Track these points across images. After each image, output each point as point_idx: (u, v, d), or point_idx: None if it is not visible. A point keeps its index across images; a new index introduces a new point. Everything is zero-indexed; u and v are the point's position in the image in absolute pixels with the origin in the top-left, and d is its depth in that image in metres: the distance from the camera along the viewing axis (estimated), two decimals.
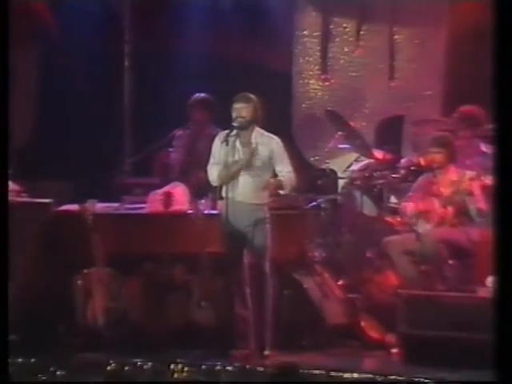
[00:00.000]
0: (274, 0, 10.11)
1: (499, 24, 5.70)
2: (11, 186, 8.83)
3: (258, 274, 8.03)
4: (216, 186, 8.11)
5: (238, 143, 8.01)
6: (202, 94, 9.26)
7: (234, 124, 7.98)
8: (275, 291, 8.15)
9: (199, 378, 7.44)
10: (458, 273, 8.44)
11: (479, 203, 8.38)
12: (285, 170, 8.02)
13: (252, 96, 8.01)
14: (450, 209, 8.46)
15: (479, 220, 8.45)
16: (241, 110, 7.98)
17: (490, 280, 8.26)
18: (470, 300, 8.05)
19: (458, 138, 8.81)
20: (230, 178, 7.98)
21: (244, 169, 7.99)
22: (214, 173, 8.06)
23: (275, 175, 8.04)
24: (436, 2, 9.63)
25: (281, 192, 8.15)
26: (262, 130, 8.05)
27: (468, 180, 8.45)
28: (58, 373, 7.49)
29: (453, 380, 7.13)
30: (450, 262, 8.42)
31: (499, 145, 5.77)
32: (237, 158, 8.00)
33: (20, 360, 7.73)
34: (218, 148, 8.09)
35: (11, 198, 8.58)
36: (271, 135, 8.06)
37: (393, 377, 7.29)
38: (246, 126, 8.00)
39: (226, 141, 8.00)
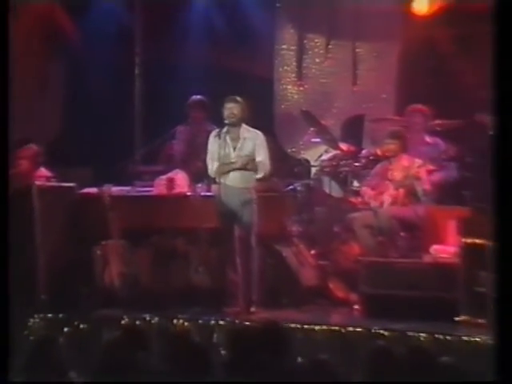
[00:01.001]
0: (258, 20, 10.05)
1: (499, 24, 5.19)
2: (43, 172, 8.91)
3: (245, 245, 8.08)
4: (212, 174, 8.17)
5: (228, 138, 8.03)
6: (200, 96, 9.25)
7: (225, 122, 8.02)
8: (260, 259, 8.21)
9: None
10: (407, 243, 8.46)
11: (425, 185, 8.44)
12: (263, 159, 8.04)
13: (240, 98, 8.03)
14: (401, 190, 8.47)
15: (424, 199, 8.49)
16: (231, 109, 8.01)
17: (433, 248, 8.44)
18: (418, 265, 8.17)
19: (408, 132, 8.84)
20: (224, 170, 8.01)
21: (234, 162, 8.00)
22: (210, 166, 8.08)
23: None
24: (390, 22, 9.62)
25: (257, 177, 8.08)
26: (248, 127, 8.07)
27: (416, 167, 8.46)
28: (81, 326, 7.54)
29: (403, 329, 7.21)
30: (401, 234, 8.45)
31: (499, 144, 5.20)
32: (229, 151, 8.02)
33: (50, 315, 7.75)
34: (212, 142, 8.11)
35: (42, 182, 8.68)
36: (256, 131, 8.08)
37: (355, 329, 7.36)
38: (235, 124, 8.02)
39: (218, 135, 8.04)
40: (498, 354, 4.59)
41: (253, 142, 8.05)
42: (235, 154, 8.04)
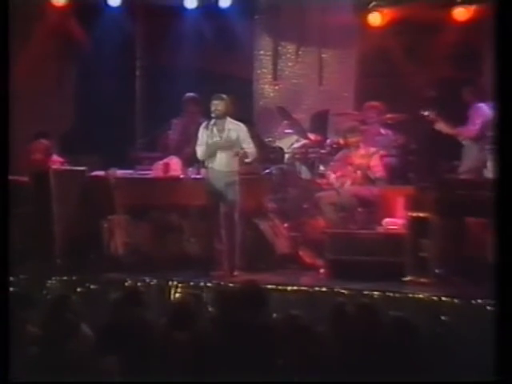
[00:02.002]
0: (240, 30, 10.01)
1: (499, 25, 4.61)
2: (58, 158, 8.87)
3: (229, 220, 8.06)
4: (201, 160, 8.16)
5: (215, 129, 8.01)
6: (192, 94, 9.21)
7: (213, 115, 8.00)
8: (241, 231, 8.19)
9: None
10: (364, 217, 8.47)
11: (378, 170, 8.54)
12: (249, 147, 8.02)
13: (224, 96, 8.03)
14: (359, 173, 8.49)
15: (378, 181, 8.54)
16: (217, 105, 7.99)
17: (385, 221, 8.51)
18: (372, 235, 8.20)
19: (364, 124, 8.90)
20: (210, 154, 8.00)
21: (219, 147, 8.01)
22: (199, 151, 8.06)
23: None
24: (350, 32, 9.65)
25: (246, 161, 8.09)
26: (232, 120, 8.06)
27: (371, 154, 8.54)
28: (91, 286, 7.51)
29: (360, 288, 7.22)
30: (359, 209, 8.46)
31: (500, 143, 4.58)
32: (214, 139, 7.98)
33: (65, 278, 7.71)
34: (201, 132, 8.09)
35: (57, 167, 8.64)
36: (238, 123, 8.07)
37: (320, 289, 7.38)
38: (220, 117, 8.00)
39: (207, 127, 8.04)
40: (497, 353, 3.95)
41: (236, 133, 8.02)
42: (220, 142, 8.01)
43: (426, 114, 8.45)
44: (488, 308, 6.62)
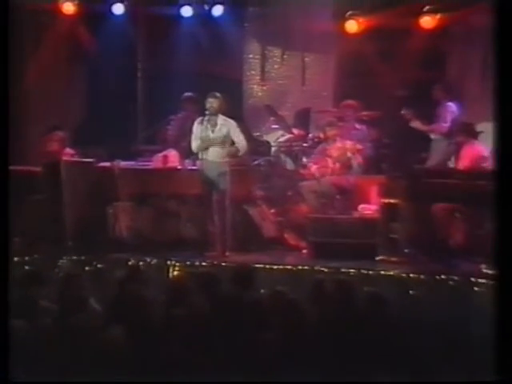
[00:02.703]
0: (231, 36, 9.97)
1: (499, 27, 4.20)
2: (68, 151, 8.82)
3: (221, 206, 8.03)
4: (196, 152, 8.14)
5: (208, 124, 7.97)
6: (189, 93, 9.16)
7: (207, 112, 7.97)
8: (232, 217, 8.18)
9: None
10: (342, 203, 8.48)
11: (355, 161, 8.57)
12: (239, 140, 8.01)
13: (218, 94, 7.99)
14: (338, 165, 8.50)
15: (354, 171, 8.59)
16: (212, 102, 7.95)
17: (360, 207, 8.52)
18: (349, 219, 8.24)
19: (341, 121, 8.88)
20: (204, 147, 7.96)
21: (212, 141, 7.96)
22: (194, 144, 8.03)
23: (233, 144, 8.03)
24: (329, 38, 9.63)
25: (238, 155, 8.12)
26: (224, 116, 8.01)
27: (348, 147, 8.56)
28: (98, 265, 7.46)
29: (338, 266, 7.26)
30: (337, 197, 8.48)
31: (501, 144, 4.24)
32: (207, 134, 7.92)
33: (74, 257, 7.69)
34: (196, 127, 8.05)
35: (68, 158, 8.60)
36: (229, 119, 8.02)
37: (303, 267, 7.46)
38: (214, 114, 7.96)
39: (201, 123, 7.99)
40: (497, 353, 3.57)
41: (227, 128, 7.98)
42: (213, 136, 7.97)
43: (403, 112, 8.52)
44: (450, 283, 6.74)
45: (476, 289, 6.74)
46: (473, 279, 6.85)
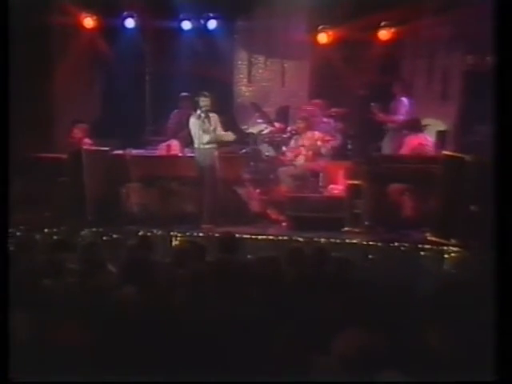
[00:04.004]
0: (223, 45, 9.89)
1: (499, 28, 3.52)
2: (88, 141, 8.77)
3: (213, 186, 8.00)
4: (193, 142, 8.13)
5: (201, 119, 7.94)
6: (186, 93, 9.08)
7: (202, 109, 7.94)
8: (223, 196, 8.20)
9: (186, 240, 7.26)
10: (314, 184, 8.52)
11: (323, 149, 8.60)
12: (227, 132, 8.07)
13: (207, 93, 7.97)
14: (310, 152, 8.53)
15: (324, 157, 8.62)
16: (204, 101, 7.93)
17: (329, 187, 8.53)
18: (320, 197, 8.31)
19: (313, 116, 8.84)
20: (198, 137, 7.94)
21: (204, 132, 7.93)
22: (193, 135, 8.00)
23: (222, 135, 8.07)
24: (305, 47, 9.58)
25: (227, 143, 8.19)
26: (214, 113, 7.98)
27: (317, 137, 8.57)
28: (114, 236, 7.42)
29: (311, 236, 7.26)
30: (311, 179, 8.51)
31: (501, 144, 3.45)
32: (203, 126, 7.87)
33: (94, 229, 7.66)
34: (192, 122, 8.04)
35: (87, 147, 8.56)
36: (215, 114, 7.97)
37: (283, 237, 7.50)
38: (206, 110, 7.93)
39: (197, 118, 7.98)
40: (497, 353, 2.96)
41: (214, 121, 7.97)
42: (205, 128, 7.92)
43: (372, 105, 8.51)
44: (402, 248, 6.81)
45: (422, 253, 6.79)
46: (419, 245, 6.89)
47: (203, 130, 7.96)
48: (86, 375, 2.88)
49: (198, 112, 7.97)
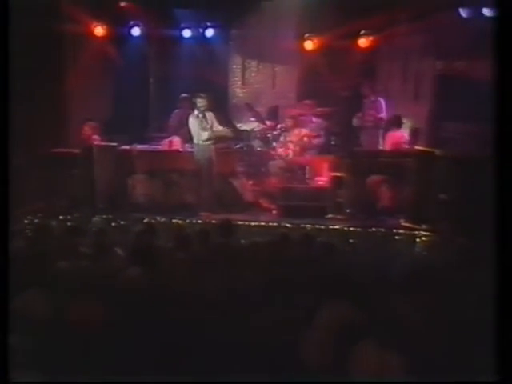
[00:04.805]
0: (220, 51, 9.83)
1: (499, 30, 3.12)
2: (98, 138, 8.69)
3: (209, 179, 7.98)
4: (192, 138, 8.10)
5: (199, 118, 7.93)
6: (185, 94, 9.02)
7: (200, 109, 7.93)
8: (219, 187, 8.13)
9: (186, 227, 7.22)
10: (301, 176, 8.50)
11: (309, 145, 8.59)
12: (222, 129, 8.05)
13: (203, 95, 7.97)
14: (297, 148, 8.52)
15: (310, 152, 8.64)
16: (201, 102, 7.93)
17: (315, 179, 8.53)
18: (307, 188, 8.28)
19: (300, 115, 8.84)
20: (197, 134, 7.94)
21: (202, 129, 7.90)
22: (193, 133, 8.00)
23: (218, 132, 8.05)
24: (292, 53, 9.51)
25: (223, 139, 8.16)
26: (210, 112, 7.96)
27: (303, 134, 8.57)
28: (122, 222, 7.36)
29: (298, 223, 7.23)
30: (299, 171, 8.49)
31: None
32: (201, 124, 7.85)
33: (104, 216, 7.61)
34: (191, 121, 8.01)
35: (97, 143, 8.49)
36: (212, 113, 7.96)
37: (273, 224, 7.48)
38: (204, 110, 7.92)
39: (194, 116, 7.96)
40: (497, 353, 2.67)
41: (211, 119, 7.96)
42: (203, 126, 7.90)
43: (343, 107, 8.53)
44: (378, 233, 6.81)
45: (396, 237, 6.80)
46: (394, 230, 6.91)
47: (202, 128, 7.94)
48: (96, 343, 2.88)
49: (196, 112, 7.97)
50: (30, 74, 7.91)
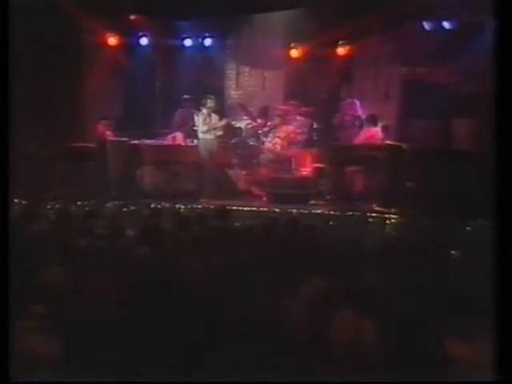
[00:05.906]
0: (217, 58, 9.79)
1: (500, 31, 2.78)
2: (110, 134, 8.68)
3: (209, 170, 7.97)
4: (196, 132, 8.05)
5: (204, 115, 7.94)
6: (187, 96, 8.98)
7: (208, 108, 7.99)
8: (217, 176, 8.12)
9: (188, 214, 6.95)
10: (288, 167, 8.47)
11: (296, 139, 8.57)
12: (218, 124, 8.03)
13: (212, 96, 8.04)
14: (285, 142, 8.50)
15: (296, 146, 8.62)
16: (210, 102, 7.98)
17: (300, 169, 8.52)
18: (293, 177, 8.28)
19: (287, 114, 8.80)
20: (201, 129, 7.93)
21: (205, 125, 7.88)
22: (199, 129, 7.98)
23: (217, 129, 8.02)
24: (280, 60, 9.43)
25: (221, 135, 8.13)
26: (215, 113, 7.99)
27: (290, 131, 8.54)
28: (132, 208, 7.26)
29: (286, 208, 7.19)
30: (285, 163, 8.46)
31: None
32: (206, 121, 7.85)
33: (116, 202, 7.54)
34: (197, 118, 8.02)
35: (110, 138, 8.45)
36: (215, 115, 7.97)
37: (263, 209, 7.43)
38: (208, 108, 7.95)
39: (198, 114, 7.98)
40: (498, 354, 2.33)
41: (212, 117, 7.97)
42: (207, 123, 7.91)
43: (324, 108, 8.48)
44: (354, 217, 6.77)
45: (370, 220, 6.78)
46: (368, 214, 6.90)
47: (206, 125, 7.95)
48: (108, 313, 2.87)
49: (204, 110, 7.95)
50: (55, 79, 7.98)
